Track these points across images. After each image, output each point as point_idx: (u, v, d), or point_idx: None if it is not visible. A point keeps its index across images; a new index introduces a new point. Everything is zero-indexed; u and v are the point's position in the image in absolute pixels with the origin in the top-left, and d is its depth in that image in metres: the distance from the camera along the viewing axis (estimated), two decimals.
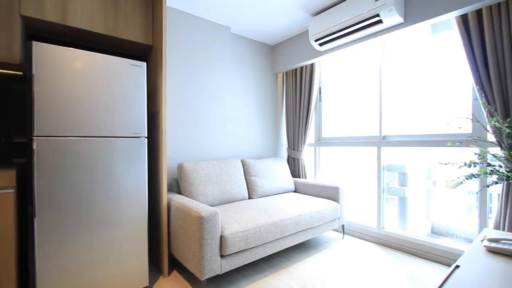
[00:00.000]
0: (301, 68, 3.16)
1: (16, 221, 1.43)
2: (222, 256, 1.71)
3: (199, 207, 1.71)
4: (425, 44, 2.45)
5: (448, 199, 2.45)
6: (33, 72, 1.39)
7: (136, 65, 1.69)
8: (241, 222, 1.83)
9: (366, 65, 2.79)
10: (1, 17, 1.57)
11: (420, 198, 2.63)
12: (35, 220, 1.40)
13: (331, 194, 2.59)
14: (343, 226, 2.66)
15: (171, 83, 2.48)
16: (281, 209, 2.14)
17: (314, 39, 2.59)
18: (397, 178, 2.67)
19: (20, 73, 1.85)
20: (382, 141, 2.54)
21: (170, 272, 2.03)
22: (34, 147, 1.39)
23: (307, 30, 2.97)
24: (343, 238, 2.69)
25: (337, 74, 3.11)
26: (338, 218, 2.54)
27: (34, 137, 1.39)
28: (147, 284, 1.76)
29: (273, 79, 3.45)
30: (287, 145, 3.38)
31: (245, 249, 1.81)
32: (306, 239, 2.26)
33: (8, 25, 1.59)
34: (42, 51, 1.41)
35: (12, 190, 1.41)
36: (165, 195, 1.92)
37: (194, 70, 2.62)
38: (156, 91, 2.01)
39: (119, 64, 1.64)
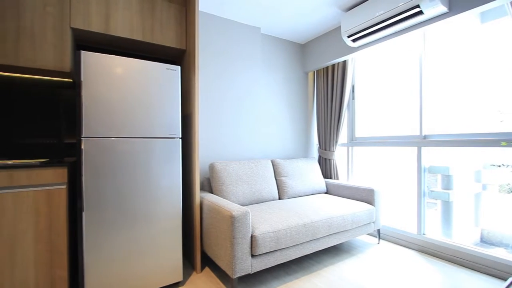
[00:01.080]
0: (333, 66, 3.06)
1: (67, 214, 1.58)
2: (253, 256, 1.72)
3: (231, 206, 1.74)
4: (472, 34, 2.24)
5: (501, 205, 2.20)
6: (82, 79, 1.52)
7: (171, 69, 1.78)
8: (272, 223, 1.82)
9: (403, 60, 2.62)
10: (55, 30, 1.74)
11: (467, 203, 2.40)
12: (83, 214, 1.53)
13: (365, 196, 2.47)
14: (378, 230, 2.53)
15: (203, 85, 2.55)
16: (312, 211, 2.09)
17: (347, 35, 2.50)
18: (441, 180, 2.47)
19: (70, 80, 2.03)
20: (423, 140, 2.36)
21: (202, 268, 2.10)
22: (82, 147, 1.52)
23: (339, 27, 2.88)
24: (378, 243, 2.56)
25: (372, 70, 2.96)
26: (373, 222, 2.42)
27: (82, 138, 1.52)
28: (181, 278, 1.83)
29: (304, 78, 3.39)
30: (318, 145, 3.30)
31: (276, 250, 1.80)
32: (338, 243, 2.18)
33: (61, 37, 1.76)
34: (89, 59, 1.54)
35: (64, 186, 1.56)
36: (197, 194, 1.98)
37: (225, 72, 2.67)
38: (189, 93, 2.09)
39: (155, 69, 1.73)
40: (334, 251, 2.38)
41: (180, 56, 2.37)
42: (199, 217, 2.01)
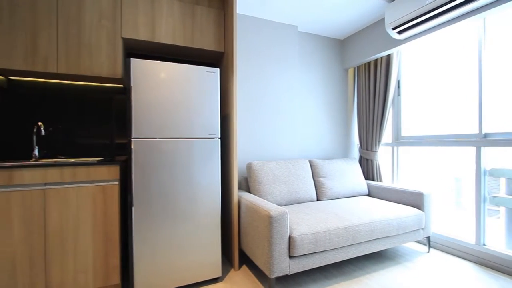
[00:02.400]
0: (375, 61, 2.89)
1: (119, 208, 1.73)
2: (290, 257, 1.70)
3: (268, 206, 1.74)
4: None
5: None
6: (132, 84, 1.65)
7: (211, 72, 1.84)
8: (310, 224, 1.78)
9: (458, 50, 2.36)
10: (108, 41, 1.92)
11: None
12: (133, 208, 1.66)
13: (413, 200, 2.29)
14: (428, 238, 2.32)
15: (241, 86, 2.60)
16: (353, 214, 2.00)
17: (392, 27, 2.33)
18: (506, 185, 2.17)
19: (121, 85, 2.22)
20: (483, 140, 2.10)
21: (240, 266, 2.13)
22: (132, 147, 1.65)
23: (382, 19, 2.70)
24: (428, 251, 2.35)
25: (420, 63, 2.72)
26: (422, 229, 2.23)
27: (132, 139, 1.65)
28: (220, 274, 1.89)
29: (343, 75, 3.25)
30: (359, 145, 3.14)
31: (314, 252, 1.76)
32: (382, 249, 2.06)
33: (113, 47, 1.94)
34: (138, 66, 1.66)
35: (117, 183, 1.71)
36: (235, 193, 2.02)
37: (262, 72, 2.69)
38: (228, 94, 2.14)
39: (196, 72, 1.81)
40: (377, 258, 2.25)
41: (218, 58, 2.44)
42: (237, 215, 2.05)
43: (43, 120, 2.03)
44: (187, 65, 1.79)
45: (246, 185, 2.42)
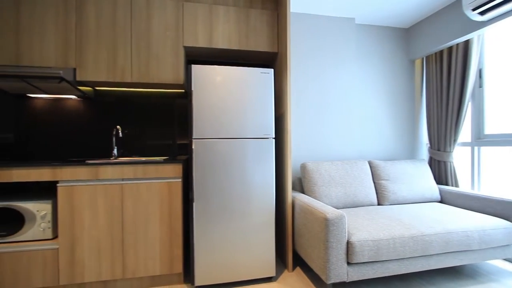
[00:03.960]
0: (449, 48, 2.53)
1: (182, 203, 1.88)
2: (349, 263, 1.60)
3: (324, 208, 1.68)
4: None
5: None
6: (192, 89, 1.77)
7: (265, 73, 1.86)
8: (371, 230, 1.65)
9: None
10: (172, 50, 2.10)
11: None
12: (194, 204, 1.78)
13: (501, 210, 1.93)
14: None
15: (295, 85, 2.57)
16: (421, 221, 1.78)
17: (471, 8, 2.01)
18: None
19: (182, 90, 2.41)
20: None
21: (294, 267, 2.10)
22: (193, 147, 1.77)
23: (457, 0, 2.35)
24: None
25: (510, 49, 2.28)
26: None
27: (193, 139, 1.78)
28: (274, 274, 1.89)
29: (408, 67, 2.94)
30: (429, 145, 2.79)
31: (375, 261, 1.62)
32: (459, 264, 1.78)
33: (177, 55, 2.11)
34: (197, 71, 1.78)
35: (180, 180, 1.86)
36: (289, 193, 2.00)
37: (317, 70, 2.61)
38: (282, 94, 2.13)
39: (251, 74, 1.85)
40: (453, 273, 1.96)
41: (272, 58, 2.46)
42: (291, 216, 2.03)
43: (120, 123, 2.34)
44: (242, 67, 1.84)
45: (300, 186, 2.37)
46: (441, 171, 2.62)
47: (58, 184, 1.71)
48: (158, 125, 2.41)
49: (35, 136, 2.21)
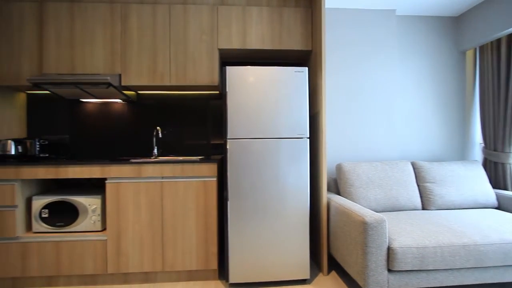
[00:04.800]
0: (509, 36, 2.25)
1: (217, 202, 1.93)
2: (389, 271, 1.51)
3: (362, 211, 1.60)
4: None
5: None
6: (227, 90, 1.81)
7: (299, 71, 1.83)
8: (415, 237, 1.53)
9: None
10: (207, 53, 2.17)
11: None
12: (228, 203, 1.81)
13: None
14: None
15: (330, 83, 2.49)
16: (475, 229, 1.61)
17: None
18: None
19: (217, 92, 2.47)
20: None
21: (329, 271, 2.04)
22: (227, 147, 1.81)
23: None
24: None
25: None
26: None
27: (227, 139, 1.81)
28: (308, 276, 1.85)
29: (458, 58, 2.67)
30: (483, 145, 2.51)
31: (420, 270, 1.50)
32: None
33: (212, 58, 2.17)
34: (231, 72, 1.81)
35: (215, 179, 1.91)
36: (325, 194, 1.94)
37: (353, 66, 2.50)
38: (316, 92, 2.08)
39: (285, 73, 1.83)
40: None
41: (306, 57, 2.41)
42: (326, 218, 1.97)
43: (159, 124, 2.47)
44: (275, 67, 1.83)
45: (335, 187, 2.29)
46: (498, 174, 2.34)
47: (106, 181, 1.87)
48: (193, 126, 2.50)
49: (86, 137, 2.44)
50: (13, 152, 2.09)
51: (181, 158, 2.24)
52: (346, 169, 2.12)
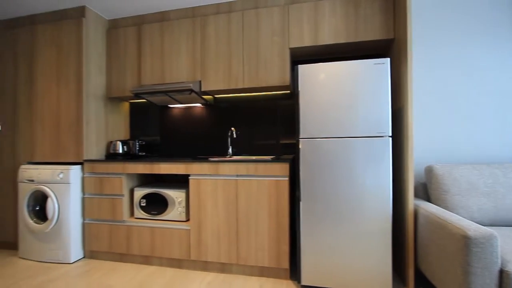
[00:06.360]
0: None
1: (289, 202, 1.92)
2: None
3: (463, 223, 1.34)
4: None
5: None
6: (299, 89, 1.78)
7: (379, 63, 1.66)
8: None
9: None
10: (279, 53, 2.19)
11: None
12: (301, 203, 1.78)
13: None
14: None
15: (418, 73, 2.18)
16: None
17: None
18: None
19: (288, 91, 2.46)
20: None
21: (416, 286, 1.79)
22: (300, 146, 1.78)
23: None
24: None
25: None
26: None
27: (300, 139, 1.78)
28: None
29: None
30: None
31: None
32: None
33: (283, 58, 2.18)
34: (304, 71, 1.78)
35: (287, 178, 1.90)
36: (411, 201, 1.72)
37: (451, 52, 2.12)
38: (400, 85, 1.86)
39: (362, 66, 1.70)
40: None
41: (385, 46, 2.18)
42: (413, 227, 1.73)
43: (233, 125, 2.62)
44: (352, 61, 1.71)
45: (424, 193, 2.00)
46: None
47: (189, 177, 2.08)
48: (263, 126, 2.56)
49: (172, 138, 2.77)
50: (120, 151, 2.54)
51: (254, 157, 2.32)
52: (439, 172, 1.82)
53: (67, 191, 2.22)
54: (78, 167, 2.31)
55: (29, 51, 2.50)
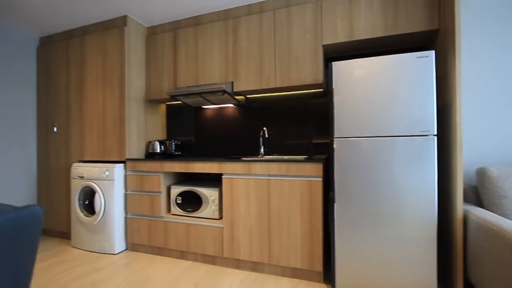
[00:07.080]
0: None
1: (322, 203, 1.87)
2: None
3: None
4: None
5: None
6: (333, 87, 1.73)
7: (422, 56, 1.54)
8: None
9: None
10: (311, 51, 2.13)
11: None
12: (335, 205, 1.73)
13: None
14: None
15: (467, 66, 1.99)
16: None
17: None
18: None
19: (320, 90, 2.40)
20: None
21: None
22: (334, 146, 1.72)
23: None
24: None
25: None
26: None
27: (334, 138, 1.73)
28: None
29: None
30: None
31: None
32: None
33: (315, 55, 2.13)
34: (338, 68, 1.72)
35: (320, 179, 1.85)
36: (460, 205, 1.57)
37: (498, 42, 1.91)
38: (447, 79, 1.71)
39: (403, 60, 1.59)
40: None
41: (428, 38, 2.02)
42: (462, 234, 1.58)
43: (265, 125, 2.62)
44: (391, 55, 1.61)
45: (475, 197, 1.81)
46: None
47: (223, 176, 2.12)
48: (295, 126, 2.52)
49: (206, 137, 2.85)
50: (158, 151, 2.67)
51: (286, 157, 2.29)
52: (494, 175, 1.63)
53: (112, 187, 2.40)
54: (121, 165, 2.48)
55: (79, 60, 2.74)
